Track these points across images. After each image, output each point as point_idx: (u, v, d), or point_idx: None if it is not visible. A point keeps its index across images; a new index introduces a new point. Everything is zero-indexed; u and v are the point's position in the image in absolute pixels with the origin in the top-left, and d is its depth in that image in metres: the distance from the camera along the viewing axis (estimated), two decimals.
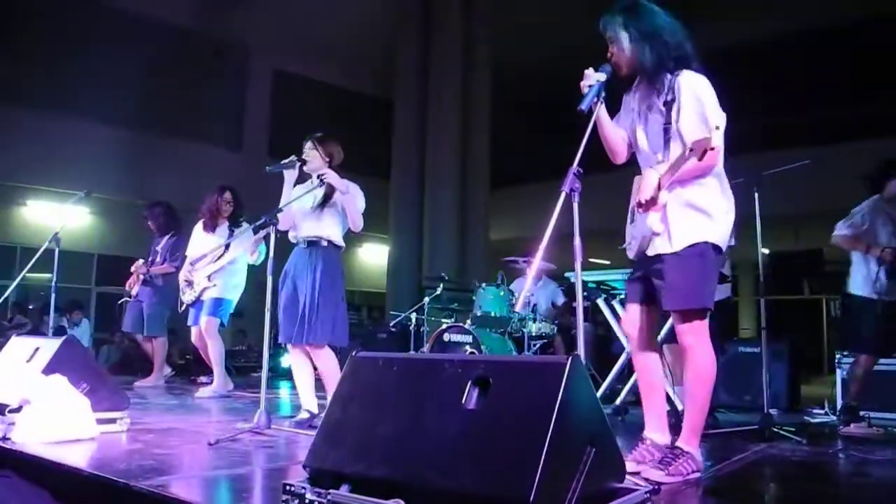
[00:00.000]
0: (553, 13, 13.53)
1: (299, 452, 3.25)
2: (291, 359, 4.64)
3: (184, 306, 6.69)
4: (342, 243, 4.63)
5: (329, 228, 4.54)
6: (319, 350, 4.46)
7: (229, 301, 6.61)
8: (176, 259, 7.13)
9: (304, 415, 4.53)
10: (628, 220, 3.15)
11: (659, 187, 2.74)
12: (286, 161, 4.59)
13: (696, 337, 2.90)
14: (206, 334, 6.49)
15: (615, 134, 3.11)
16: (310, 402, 4.58)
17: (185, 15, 15.23)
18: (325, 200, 4.50)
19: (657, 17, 2.94)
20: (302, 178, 4.70)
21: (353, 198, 4.51)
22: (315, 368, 4.62)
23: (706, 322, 2.93)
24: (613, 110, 3.12)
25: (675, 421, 3.27)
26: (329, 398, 4.46)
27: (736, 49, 14.08)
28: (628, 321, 3.15)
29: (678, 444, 2.95)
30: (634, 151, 3.14)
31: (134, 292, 7.35)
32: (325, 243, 4.53)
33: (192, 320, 6.66)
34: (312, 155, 4.61)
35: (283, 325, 4.52)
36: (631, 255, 3.13)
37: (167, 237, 7.37)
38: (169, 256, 7.26)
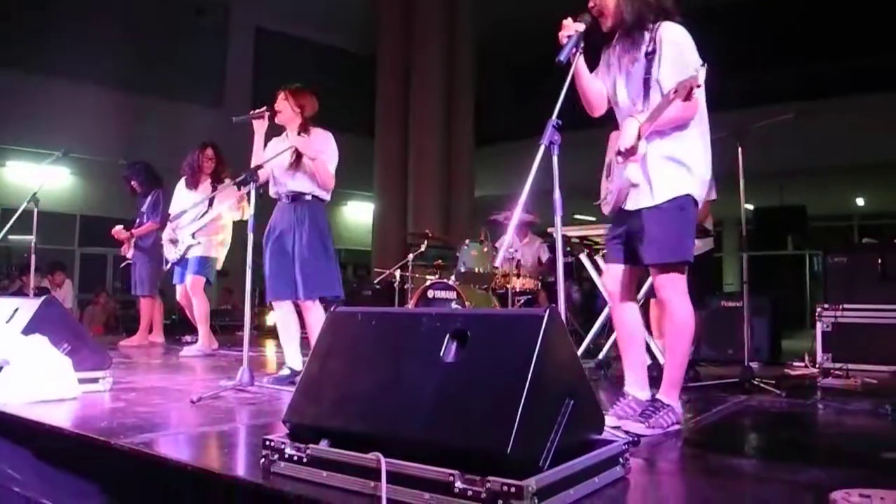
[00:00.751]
0: None
1: (281, 409, 3.26)
2: (277, 315, 4.62)
3: (168, 265, 6.67)
4: (326, 196, 4.58)
5: (310, 182, 4.49)
6: (311, 305, 4.45)
7: (215, 259, 6.58)
8: (157, 216, 7.08)
9: (285, 371, 4.54)
10: (604, 176, 3.16)
11: (639, 136, 2.73)
12: (255, 111, 4.53)
13: (675, 290, 2.92)
14: (192, 293, 6.47)
15: (593, 86, 3.09)
16: (293, 360, 4.57)
17: None
18: (298, 160, 4.44)
19: None
20: (276, 129, 4.64)
21: (323, 164, 4.44)
22: (302, 326, 4.62)
23: (685, 275, 2.95)
24: (592, 64, 3.10)
25: (658, 374, 3.30)
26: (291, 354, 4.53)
27: (719, 4, 13.98)
28: (609, 278, 3.15)
29: (658, 396, 3.00)
30: (613, 107, 3.12)
31: (129, 255, 7.32)
32: (308, 197, 4.50)
33: (177, 279, 6.64)
34: (284, 105, 4.54)
35: (271, 282, 4.48)
36: (607, 210, 3.13)
37: (149, 196, 7.31)
38: (151, 214, 7.21)
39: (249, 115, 4.53)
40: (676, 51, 2.82)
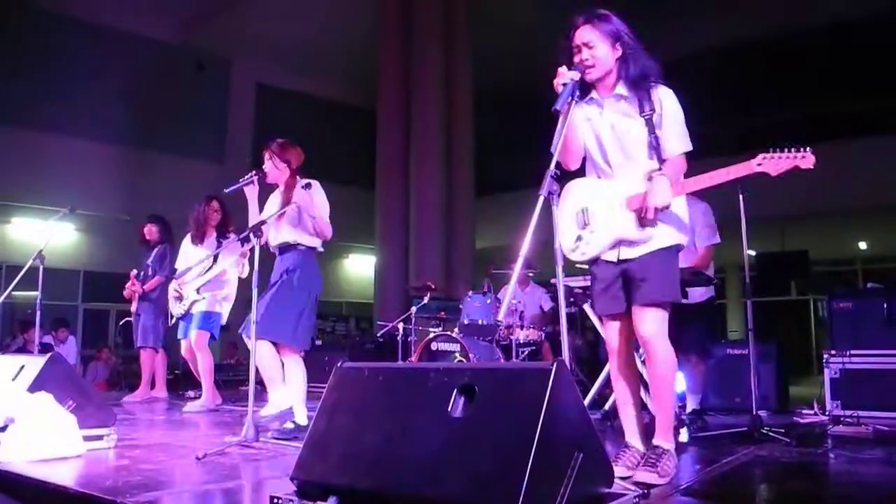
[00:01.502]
0: (533, 21, 13.59)
1: (287, 465, 3.23)
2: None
3: (174, 319, 6.68)
4: (316, 244, 4.65)
5: (295, 233, 4.59)
6: (259, 343, 4.38)
7: (219, 314, 6.59)
8: (164, 269, 7.11)
9: (288, 424, 4.52)
10: (572, 223, 3.13)
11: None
12: (244, 180, 4.62)
13: (662, 331, 2.97)
14: (196, 348, 6.46)
15: (577, 139, 3.12)
16: (282, 403, 4.55)
17: (168, 30, 15.25)
18: (280, 215, 4.53)
19: (628, 32, 3.03)
20: (270, 187, 4.76)
21: (318, 221, 4.56)
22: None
23: (667, 318, 3.00)
24: None
25: (677, 423, 3.30)
26: (269, 396, 4.51)
27: (715, 50, 14.20)
28: (612, 332, 3.16)
29: (657, 443, 3.00)
30: (588, 160, 3.17)
31: (133, 308, 7.34)
32: (302, 248, 4.60)
33: (182, 333, 6.64)
34: (270, 166, 4.68)
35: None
36: (581, 258, 3.13)
37: (157, 249, 7.35)
38: (157, 267, 7.24)
39: (240, 184, 4.63)
40: (678, 115, 2.98)
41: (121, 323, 7.89)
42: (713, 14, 13.78)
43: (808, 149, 2.78)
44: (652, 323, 2.95)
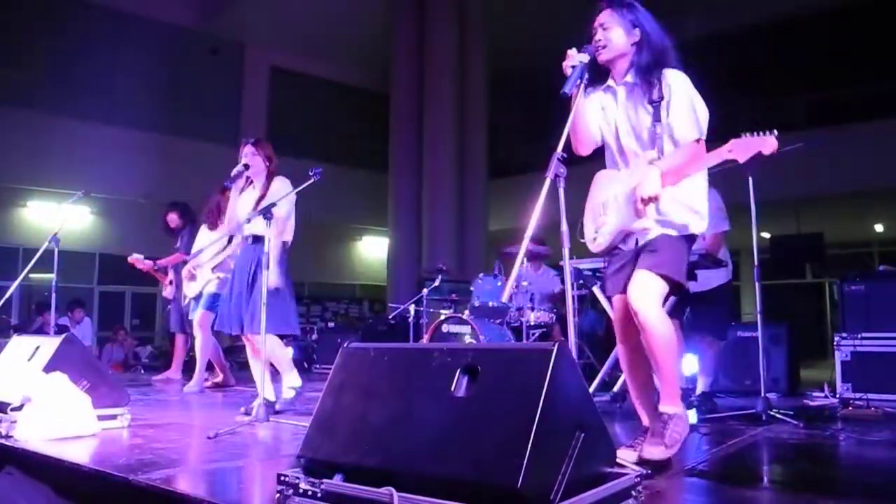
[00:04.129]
0: (546, 3, 13.52)
1: (296, 443, 3.28)
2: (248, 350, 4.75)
3: (187, 300, 6.74)
4: (285, 238, 4.75)
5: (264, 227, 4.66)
6: (257, 338, 4.55)
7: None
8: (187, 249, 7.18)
9: (290, 393, 4.77)
10: (590, 215, 3.15)
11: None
12: (235, 171, 4.75)
13: (656, 301, 2.90)
14: (199, 326, 6.52)
15: (588, 123, 3.10)
16: (268, 391, 4.64)
17: (183, 14, 15.27)
18: (256, 207, 4.64)
19: (650, 18, 3.00)
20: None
21: (279, 241, 4.67)
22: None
23: (664, 295, 2.95)
24: None
25: (686, 405, 3.27)
26: (284, 375, 4.66)
27: (734, 33, 14.07)
28: (619, 315, 3.11)
29: (662, 408, 2.94)
30: (606, 148, 3.15)
31: (167, 294, 7.44)
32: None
33: (193, 313, 6.71)
34: (255, 160, 4.79)
35: (225, 315, 4.70)
36: (596, 249, 3.13)
37: (185, 231, 7.41)
38: (185, 249, 7.28)
39: (235, 176, 4.77)
40: (688, 99, 2.89)
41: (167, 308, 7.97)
42: None
43: (773, 132, 2.72)
44: (642, 288, 2.88)
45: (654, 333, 2.87)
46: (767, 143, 2.70)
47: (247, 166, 4.75)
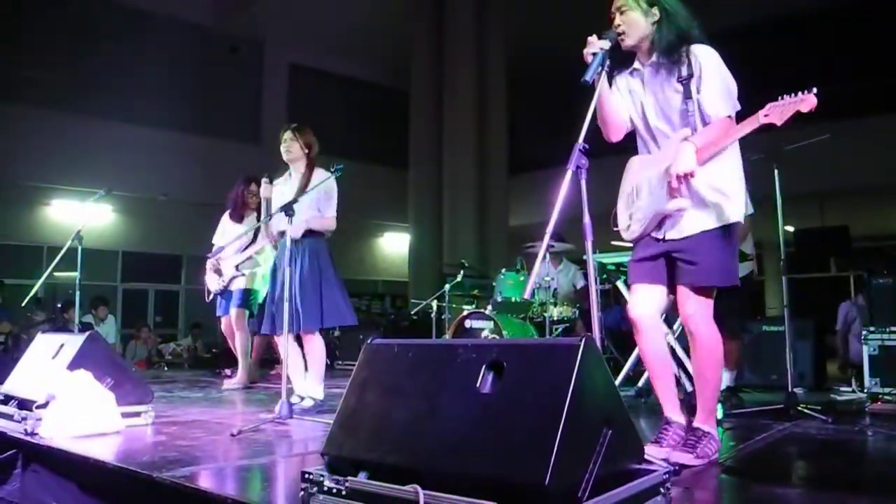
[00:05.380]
0: None
1: (320, 441, 3.27)
2: (283, 348, 4.66)
3: (211, 295, 6.73)
4: (328, 228, 4.78)
5: (310, 221, 4.68)
6: (313, 336, 4.62)
7: (257, 292, 6.64)
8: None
9: (307, 402, 4.67)
10: (623, 203, 3.10)
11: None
12: (266, 188, 4.82)
13: (707, 316, 2.87)
14: (235, 325, 6.53)
15: (615, 109, 3.04)
16: (314, 390, 4.71)
17: (202, 13, 15.33)
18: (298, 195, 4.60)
19: None
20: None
21: (322, 220, 4.74)
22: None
23: (712, 301, 2.90)
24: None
25: (687, 400, 3.24)
26: (314, 382, 4.63)
27: (757, 24, 13.91)
28: (639, 299, 2.99)
29: (698, 425, 2.92)
30: (635, 132, 3.09)
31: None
32: (309, 232, 4.67)
33: (221, 310, 6.71)
34: (293, 145, 4.78)
35: (269, 316, 4.69)
36: (630, 236, 3.06)
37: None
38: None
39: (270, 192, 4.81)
40: (718, 74, 2.82)
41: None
42: None
43: (813, 90, 2.65)
44: (697, 306, 2.85)
45: (706, 350, 2.88)
46: (806, 101, 2.62)
47: (270, 179, 4.81)
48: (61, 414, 3.38)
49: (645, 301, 2.99)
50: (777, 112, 2.67)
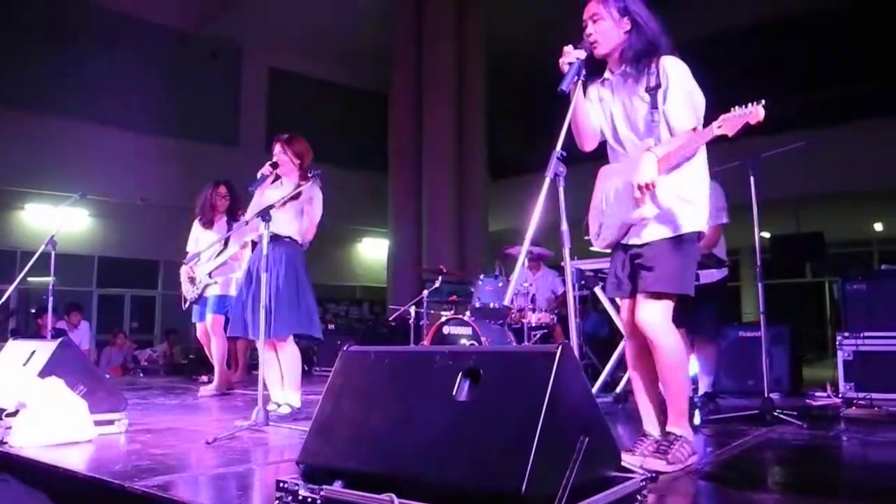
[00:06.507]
0: (546, 2, 13.49)
1: (296, 449, 3.25)
2: (260, 354, 4.64)
3: (187, 303, 6.67)
4: (303, 241, 4.75)
5: (288, 225, 4.63)
6: (285, 343, 4.58)
7: (233, 297, 6.59)
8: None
9: (284, 409, 4.62)
10: (594, 211, 3.11)
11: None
12: (261, 173, 4.72)
13: (665, 321, 2.89)
14: (212, 331, 6.49)
15: (589, 118, 3.07)
16: (291, 397, 4.67)
17: (180, 16, 15.23)
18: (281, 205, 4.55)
19: (640, 4, 2.95)
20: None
21: (310, 220, 4.72)
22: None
23: (671, 309, 2.92)
24: None
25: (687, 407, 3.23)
26: (290, 389, 4.59)
27: (730, 33, 14.04)
28: (625, 311, 3.09)
29: (669, 429, 2.93)
30: (606, 141, 3.11)
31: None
32: (287, 239, 4.65)
33: (197, 317, 6.66)
34: (283, 158, 4.75)
35: (241, 319, 4.64)
36: (601, 245, 3.09)
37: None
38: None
39: (260, 179, 4.72)
40: (684, 87, 2.84)
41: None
42: None
43: (761, 102, 2.68)
44: (651, 313, 2.87)
45: (666, 356, 2.87)
46: (754, 114, 2.67)
47: (275, 165, 4.72)
48: (32, 422, 3.32)
49: (626, 314, 3.07)
50: (729, 123, 2.70)
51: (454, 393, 1.96)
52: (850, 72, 13.14)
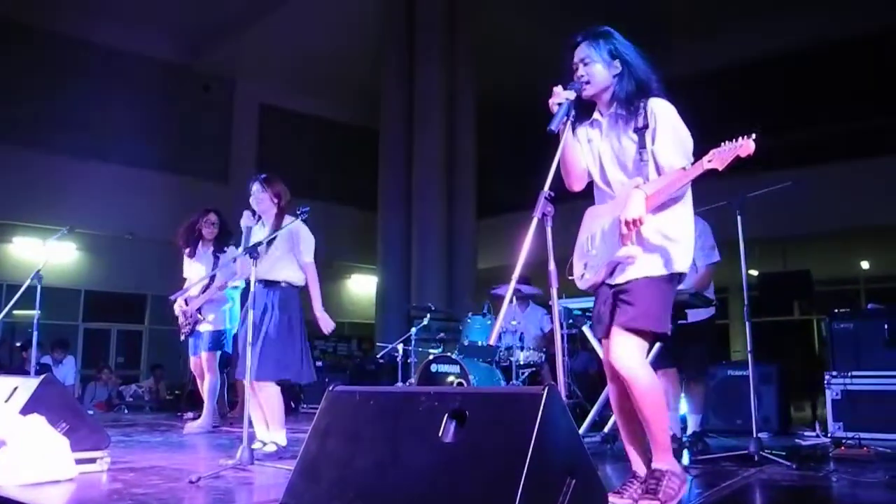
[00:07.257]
0: (535, 42, 13.65)
1: (281, 489, 3.20)
2: (246, 393, 4.59)
3: (183, 336, 6.60)
4: (300, 283, 4.75)
5: (284, 271, 4.66)
6: (264, 384, 4.54)
7: (228, 330, 6.56)
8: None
9: (270, 447, 4.58)
10: (579, 251, 3.11)
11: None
12: (248, 224, 4.71)
13: (640, 357, 2.87)
14: (205, 367, 6.45)
15: (577, 158, 3.08)
16: (264, 434, 4.65)
17: (173, 51, 15.34)
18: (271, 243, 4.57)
19: (630, 47, 2.98)
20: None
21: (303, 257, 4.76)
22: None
23: (646, 347, 2.91)
24: None
25: (677, 446, 3.22)
26: (275, 428, 4.56)
27: (715, 72, 14.24)
28: (607, 358, 3.01)
29: (655, 466, 2.89)
30: (592, 182, 3.12)
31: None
32: (283, 284, 4.66)
33: (192, 350, 6.60)
34: (262, 197, 4.76)
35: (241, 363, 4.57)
36: (585, 285, 3.07)
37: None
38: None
39: (249, 223, 4.72)
40: (673, 128, 2.86)
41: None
42: (717, 35, 13.90)
43: (751, 135, 2.71)
44: (625, 348, 2.84)
45: (642, 392, 2.82)
46: (744, 147, 2.69)
47: (254, 212, 4.75)
48: (11, 460, 3.27)
49: (608, 352, 3.00)
50: (720, 158, 2.72)
51: (440, 434, 1.95)
52: (837, 111, 13.33)
